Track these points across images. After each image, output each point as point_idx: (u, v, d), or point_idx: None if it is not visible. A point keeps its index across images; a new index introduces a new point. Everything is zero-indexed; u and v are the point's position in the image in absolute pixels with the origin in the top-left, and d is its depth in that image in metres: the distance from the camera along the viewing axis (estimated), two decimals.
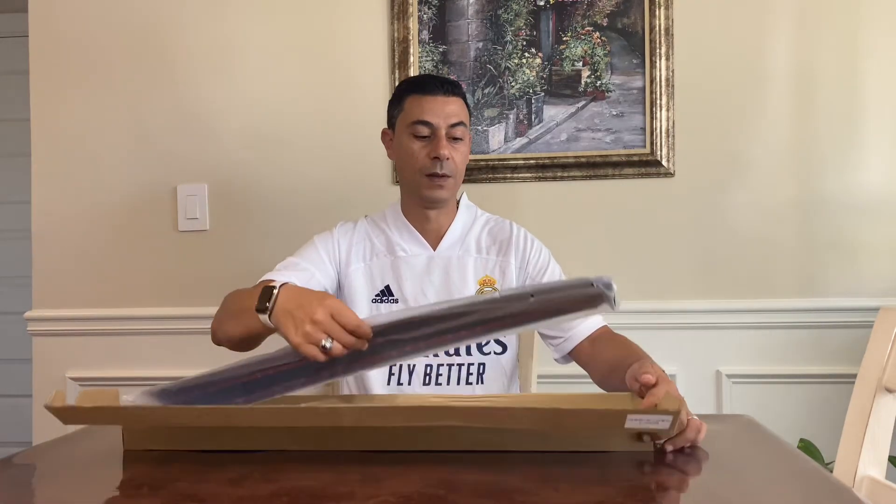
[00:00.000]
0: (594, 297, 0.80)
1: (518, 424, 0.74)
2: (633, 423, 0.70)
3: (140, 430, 0.82)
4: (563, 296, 0.83)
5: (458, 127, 1.19)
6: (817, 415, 1.57)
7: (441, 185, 1.18)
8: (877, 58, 1.59)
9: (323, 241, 1.25)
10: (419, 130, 1.18)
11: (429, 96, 1.18)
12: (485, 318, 0.82)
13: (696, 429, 0.78)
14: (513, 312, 0.82)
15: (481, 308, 0.83)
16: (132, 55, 1.74)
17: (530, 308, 0.82)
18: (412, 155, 1.19)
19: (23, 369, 2.15)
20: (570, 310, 0.83)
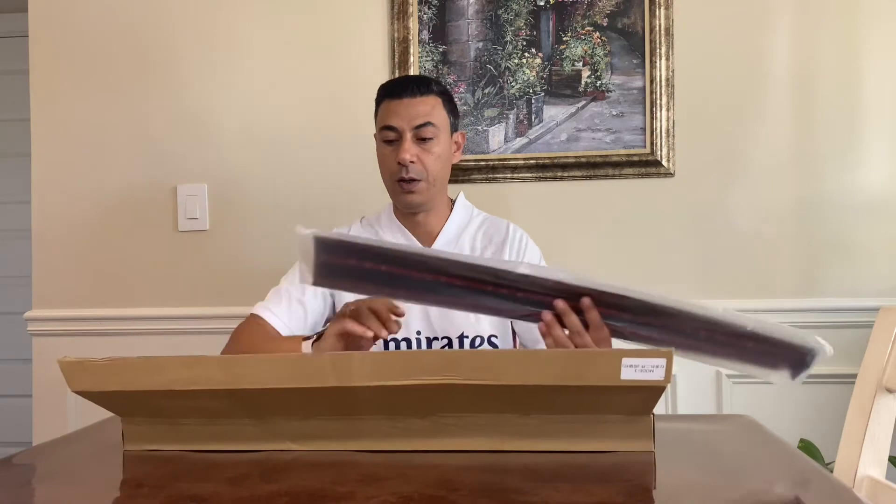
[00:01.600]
0: (803, 351, 0.79)
1: (510, 378, 0.72)
2: (628, 374, 0.70)
3: (139, 426, 0.82)
4: (778, 336, 0.79)
5: (425, 127, 1.16)
6: (817, 415, 1.57)
7: (411, 189, 1.16)
8: (877, 58, 1.59)
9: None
10: (386, 136, 1.17)
11: (395, 100, 1.17)
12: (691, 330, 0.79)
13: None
14: (728, 332, 0.79)
15: (689, 319, 0.79)
16: (132, 55, 1.74)
17: (742, 334, 0.78)
18: (382, 161, 1.20)
19: (23, 369, 2.15)
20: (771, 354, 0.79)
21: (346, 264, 0.82)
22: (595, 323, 0.83)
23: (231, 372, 0.75)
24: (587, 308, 0.82)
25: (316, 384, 0.74)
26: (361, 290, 0.84)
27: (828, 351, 0.80)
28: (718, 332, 0.80)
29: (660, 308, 0.80)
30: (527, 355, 0.74)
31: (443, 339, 1.17)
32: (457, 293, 0.82)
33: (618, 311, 0.83)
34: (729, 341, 0.80)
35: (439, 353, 0.76)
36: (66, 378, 0.77)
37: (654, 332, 0.82)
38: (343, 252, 0.82)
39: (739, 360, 0.81)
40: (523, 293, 0.82)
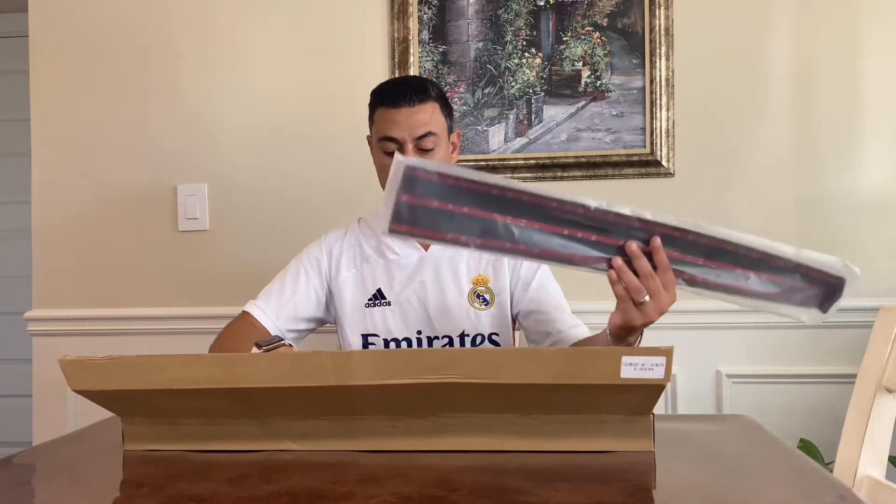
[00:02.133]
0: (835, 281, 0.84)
1: (511, 376, 0.72)
2: (628, 372, 0.70)
3: (139, 426, 0.82)
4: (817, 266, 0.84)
5: (426, 138, 1.14)
6: (817, 415, 1.57)
7: None
8: (877, 58, 1.59)
9: (308, 256, 1.24)
10: (387, 147, 1.16)
11: (393, 109, 1.15)
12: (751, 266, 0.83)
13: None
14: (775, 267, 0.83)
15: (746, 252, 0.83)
16: (132, 55, 1.74)
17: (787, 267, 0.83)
18: (382, 169, 1.19)
19: (23, 369, 2.15)
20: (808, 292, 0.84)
21: (427, 205, 0.79)
22: (663, 265, 0.83)
23: (231, 371, 0.75)
24: (656, 249, 0.83)
25: (316, 383, 0.74)
26: (439, 238, 0.81)
27: (857, 273, 0.84)
28: (767, 269, 0.84)
29: (722, 244, 0.84)
30: (527, 354, 0.74)
31: (443, 339, 1.18)
32: (533, 237, 0.82)
33: (681, 254, 0.84)
34: (772, 280, 0.84)
35: (440, 351, 0.76)
36: (67, 377, 0.77)
37: (710, 276, 0.84)
38: (429, 190, 0.79)
39: (779, 299, 0.85)
40: (597, 235, 0.83)
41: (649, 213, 0.82)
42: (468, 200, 0.80)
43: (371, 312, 1.19)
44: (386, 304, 1.19)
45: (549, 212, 0.82)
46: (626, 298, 0.86)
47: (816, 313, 0.85)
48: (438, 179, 0.79)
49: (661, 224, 0.83)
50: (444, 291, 1.19)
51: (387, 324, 1.18)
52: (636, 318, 0.87)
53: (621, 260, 0.84)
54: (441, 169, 0.79)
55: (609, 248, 0.84)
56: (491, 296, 1.20)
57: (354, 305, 1.20)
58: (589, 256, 0.84)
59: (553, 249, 0.82)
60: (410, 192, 0.79)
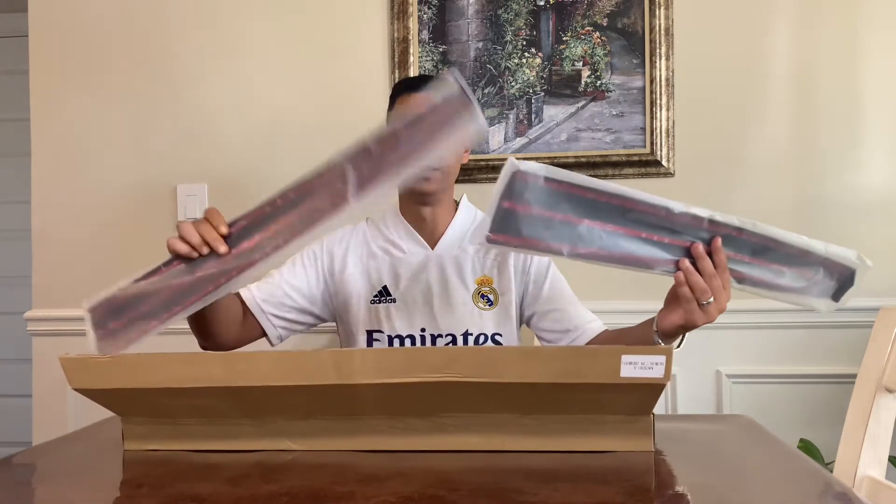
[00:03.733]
0: (848, 272, 0.89)
1: (511, 375, 0.72)
2: (628, 371, 0.70)
3: (139, 425, 0.82)
4: (836, 259, 0.88)
5: None
6: (817, 415, 1.57)
7: (427, 176, 1.17)
8: (877, 57, 1.59)
9: (309, 252, 1.25)
10: None
11: (412, 93, 1.19)
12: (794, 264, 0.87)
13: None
14: (805, 261, 0.87)
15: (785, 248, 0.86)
16: (132, 55, 1.74)
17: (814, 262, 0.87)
18: None
19: (23, 369, 2.15)
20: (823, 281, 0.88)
21: (527, 212, 0.80)
22: (722, 265, 0.86)
23: (231, 369, 0.75)
24: (717, 250, 0.85)
25: (317, 381, 0.74)
26: (535, 248, 0.81)
27: (869, 265, 0.90)
28: (798, 264, 0.88)
29: (769, 241, 0.87)
30: (527, 352, 0.74)
31: (447, 337, 1.18)
32: (616, 243, 0.84)
33: (733, 253, 0.87)
34: (799, 274, 0.89)
35: (440, 350, 0.76)
36: (67, 375, 0.77)
37: (753, 272, 0.88)
38: (532, 194, 0.80)
39: (800, 291, 0.89)
40: (670, 238, 0.85)
41: (719, 214, 0.86)
42: (564, 206, 0.81)
43: (376, 309, 1.20)
44: (391, 301, 1.20)
45: (635, 215, 0.85)
46: (691, 299, 0.88)
47: (830, 303, 0.91)
48: (544, 184, 0.80)
49: (725, 224, 0.86)
50: (449, 290, 1.19)
51: (391, 320, 1.19)
52: (700, 318, 0.89)
53: (688, 261, 0.86)
54: (549, 173, 0.80)
55: (677, 249, 0.86)
56: (495, 296, 1.20)
57: (360, 301, 1.21)
58: (661, 259, 0.86)
59: (633, 253, 0.85)
60: (512, 199, 0.80)
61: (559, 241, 0.81)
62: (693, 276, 0.86)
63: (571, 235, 0.82)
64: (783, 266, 0.87)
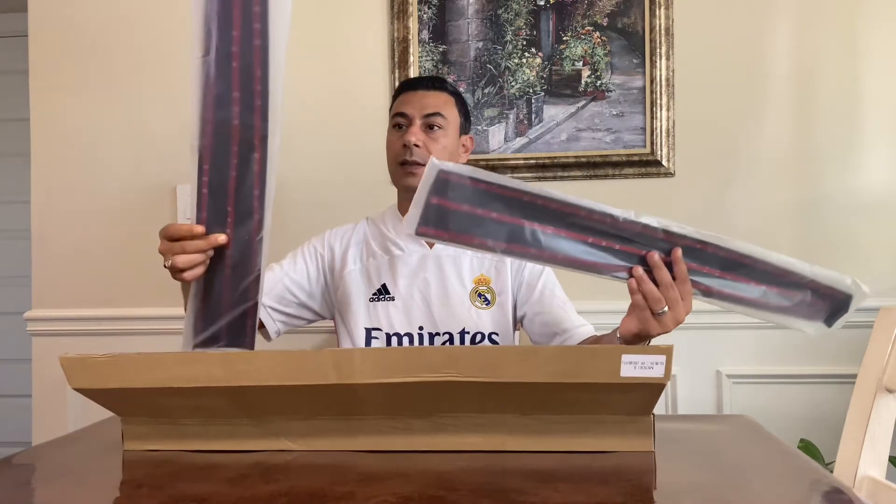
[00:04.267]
0: (843, 297, 0.86)
1: (511, 375, 0.72)
2: (628, 370, 0.70)
3: (139, 426, 0.82)
4: (827, 283, 0.85)
5: (434, 117, 1.19)
6: (817, 415, 1.57)
7: (412, 171, 1.18)
8: (877, 58, 1.59)
9: (310, 246, 1.27)
10: (397, 121, 1.21)
11: (409, 92, 1.22)
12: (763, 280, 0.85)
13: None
14: (788, 282, 0.85)
15: (763, 266, 0.85)
16: (132, 55, 1.74)
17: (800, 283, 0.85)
18: (389, 145, 1.22)
19: (23, 369, 2.15)
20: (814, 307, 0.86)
21: (457, 209, 0.81)
22: (682, 276, 0.85)
23: (231, 369, 0.75)
24: (677, 261, 0.84)
25: (317, 381, 0.74)
26: (466, 242, 0.83)
27: (865, 292, 0.86)
28: (780, 284, 0.86)
29: (741, 258, 0.85)
30: (527, 352, 0.74)
31: (444, 335, 1.18)
32: (558, 245, 0.83)
33: (699, 266, 0.86)
34: (784, 294, 0.87)
35: (440, 349, 0.75)
36: (67, 375, 0.77)
37: (725, 287, 0.87)
38: (460, 193, 0.81)
39: (787, 312, 0.88)
40: (621, 245, 0.84)
41: (675, 225, 0.84)
42: (498, 206, 0.82)
43: (375, 307, 1.20)
44: (390, 300, 1.20)
45: (576, 220, 0.83)
46: (644, 308, 0.87)
47: (821, 326, 0.88)
48: (471, 184, 0.80)
49: (684, 236, 0.84)
50: (447, 289, 1.19)
51: (390, 318, 1.19)
52: (653, 328, 0.88)
53: (642, 269, 0.85)
54: (474, 174, 0.81)
55: (631, 256, 0.85)
56: (492, 296, 1.21)
57: (359, 299, 1.21)
58: (611, 265, 0.85)
59: (578, 257, 0.84)
60: (441, 195, 0.80)
61: (492, 238, 0.82)
62: (646, 285, 0.85)
63: (506, 234, 0.82)
64: (762, 284, 0.86)
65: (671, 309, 0.87)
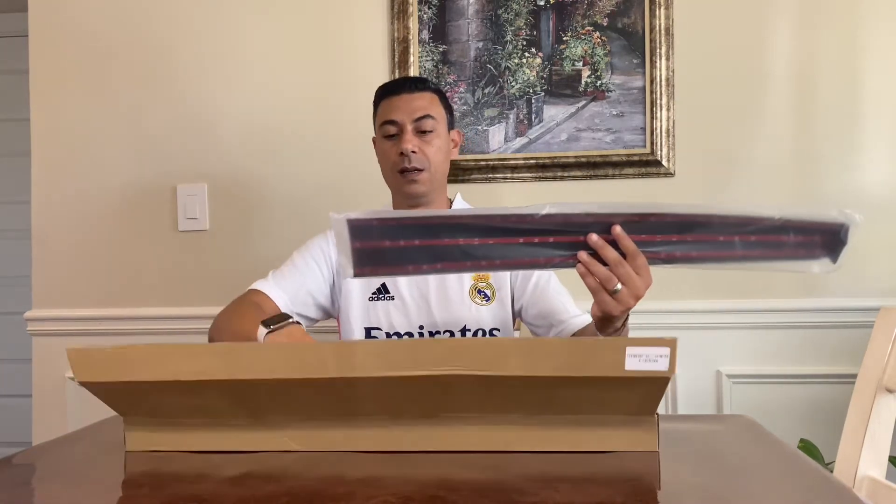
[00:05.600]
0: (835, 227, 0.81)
1: (514, 368, 0.72)
2: (633, 364, 0.69)
3: (140, 426, 0.82)
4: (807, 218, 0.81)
5: (424, 120, 1.18)
6: (817, 415, 1.57)
7: (414, 178, 1.18)
8: (877, 58, 1.59)
9: (316, 246, 1.26)
10: (387, 130, 1.20)
11: (394, 96, 1.21)
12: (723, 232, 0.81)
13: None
14: (761, 228, 0.80)
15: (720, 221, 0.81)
16: (132, 55, 1.74)
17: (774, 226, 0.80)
18: (384, 155, 1.21)
19: (23, 369, 2.15)
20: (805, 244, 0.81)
21: (381, 247, 0.82)
22: (630, 251, 0.83)
23: (234, 362, 0.75)
24: (619, 237, 0.82)
25: (317, 374, 0.73)
26: (402, 272, 0.84)
27: (858, 220, 0.81)
28: (751, 232, 0.82)
29: (691, 218, 0.82)
30: (530, 344, 0.74)
31: (445, 333, 1.18)
32: (491, 251, 0.83)
33: (649, 236, 0.83)
34: (763, 240, 0.82)
35: (443, 342, 0.75)
36: (73, 369, 0.77)
37: (690, 250, 0.83)
38: (377, 234, 0.82)
39: (777, 257, 0.83)
40: (555, 237, 0.83)
41: (596, 206, 0.82)
42: (415, 233, 0.82)
43: (374, 306, 1.20)
44: (389, 299, 1.20)
45: (497, 227, 0.83)
46: (599, 289, 0.86)
47: (825, 263, 0.83)
48: (378, 224, 0.82)
49: (615, 214, 0.82)
50: (446, 287, 1.20)
51: (389, 317, 1.19)
52: (612, 307, 0.87)
53: (587, 253, 0.84)
54: (377, 215, 0.82)
55: (572, 244, 0.84)
56: (492, 291, 1.21)
57: (359, 299, 1.22)
58: (553, 257, 0.84)
59: (515, 258, 0.83)
60: (361, 239, 0.81)
61: (425, 262, 0.82)
62: (593, 266, 0.84)
63: (435, 255, 0.82)
64: (731, 236, 0.82)
65: (626, 285, 0.85)
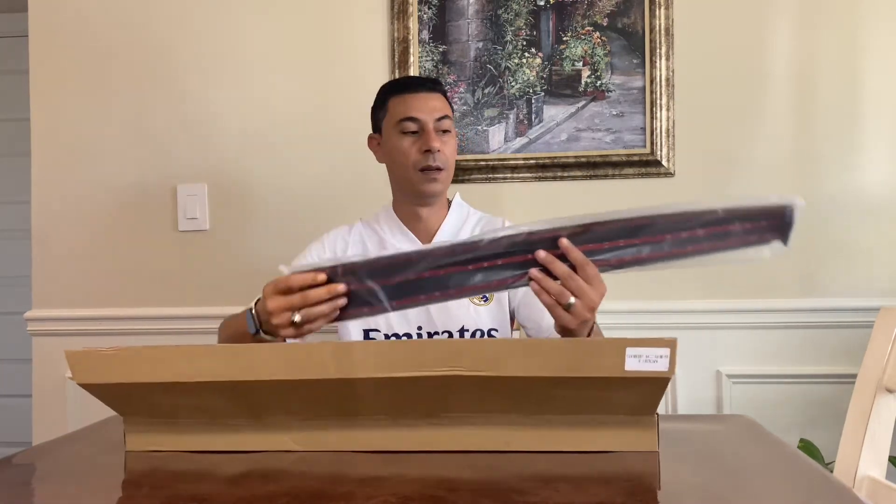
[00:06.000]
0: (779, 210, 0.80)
1: (514, 369, 0.72)
2: (633, 364, 0.70)
3: (140, 426, 0.82)
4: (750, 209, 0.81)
5: (444, 120, 1.20)
6: (817, 415, 1.57)
7: (435, 178, 1.18)
8: (877, 57, 1.59)
9: (312, 254, 1.26)
10: (407, 127, 1.19)
11: (411, 94, 1.20)
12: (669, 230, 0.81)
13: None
14: (707, 221, 0.80)
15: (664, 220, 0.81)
16: (132, 55, 1.74)
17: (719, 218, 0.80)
18: (403, 152, 1.19)
19: (23, 369, 2.15)
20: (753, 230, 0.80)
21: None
22: (579, 261, 0.84)
23: (233, 363, 0.75)
24: (567, 249, 0.83)
25: (317, 375, 0.73)
26: (358, 316, 0.88)
27: (799, 203, 0.81)
28: (696, 226, 0.82)
29: (635, 222, 0.82)
30: (530, 345, 0.74)
31: (443, 334, 1.18)
32: (443, 283, 0.84)
33: (596, 245, 0.84)
34: (711, 233, 0.82)
35: (442, 342, 0.75)
36: (72, 370, 0.77)
37: (639, 252, 0.83)
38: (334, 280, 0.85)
39: (728, 247, 0.82)
40: (503, 259, 0.83)
41: (540, 223, 0.83)
42: (369, 276, 0.85)
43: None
44: None
45: (444, 259, 0.84)
46: (554, 305, 0.86)
47: (777, 247, 0.82)
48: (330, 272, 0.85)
49: (559, 228, 0.83)
50: None
51: (388, 319, 1.19)
52: (569, 321, 0.87)
53: (537, 270, 0.84)
54: (318, 265, 0.85)
55: (523, 263, 0.84)
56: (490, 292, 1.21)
57: None
58: (506, 278, 0.85)
59: (470, 285, 0.84)
60: None
61: (379, 303, 0.85)
62: (545, 282, 0.84)
63: (387, 295, 0.84)
64: (678, 233, 0.82)
65: (580, 298, 0.85)
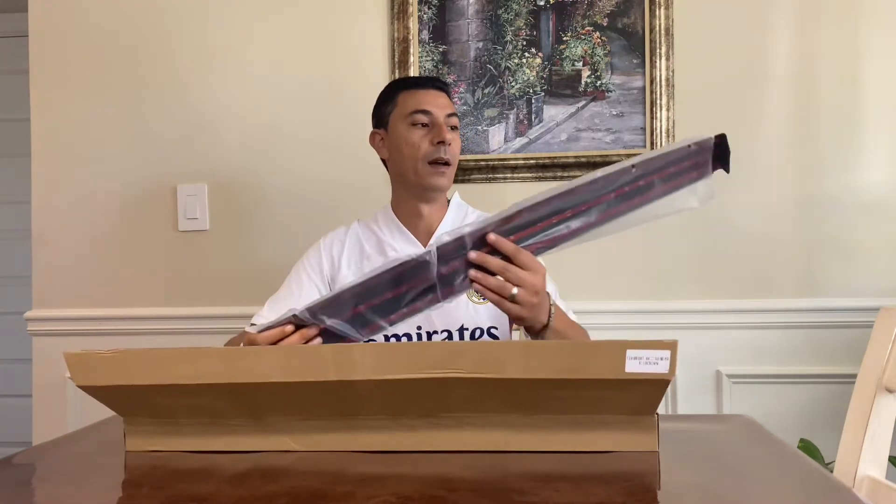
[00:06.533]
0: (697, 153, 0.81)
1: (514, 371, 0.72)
2: (633, 366, 0.70)
3: (141, 426, 0.82)
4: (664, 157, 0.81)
5: (453, 117, 1.22)
6: (817, 415, 1.57)
7: (443, 171, 1.20)
8: (877, 57, 1.59)
9: (309, 261, 1.26)
10: (419, 119, 1.20)
11: (421, 90, 1.22)
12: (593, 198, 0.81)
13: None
14: (623, 182, 0.80)
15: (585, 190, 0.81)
16: (132, 55, 1.74)
17: (633, 179, 0.80)
18: (413, 144, 1.20)
19: (23, 369, 2.15)
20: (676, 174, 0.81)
21: (332, 325, 0.87)
22: (510, 250, 0.85)
23: (233, 365, 0.75)
24: (495, 243, 0.84)
25: (316, 378, 0.73)
26: (357, 338, 0.89)
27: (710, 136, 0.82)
28: (621, 185, 0.82)
29: (555, 198, 0.83)
30: (530, 347, 0.74)
31: (443, 333, 1.18)
32: (391, 307, 0.85)
33: (526, 231, 0.85)
34: (637, 189, 0.83)
35: (442, 345, 0.75)
36: (71, 372, 0.77)
37: (572, 223, 0.84)
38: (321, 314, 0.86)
39: (653, 197, 0.83)
40: (445, 267, 0.84)
41: (466, 227, 0.85)
42: (332, 313, 0.85)
43: None
44: None
45: (382, 287, 0.85)
46: (500, 300, 0.88)
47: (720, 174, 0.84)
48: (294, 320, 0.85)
49: (483, 227, 0.85)
50: None
51: None
52: (518, 311, 0.89)
53: (475, 270, 0.86)
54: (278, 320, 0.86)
55: (461, 269, 0.85)
56: None
57: None
58: (451, 288, 0.86)
59: (419, 304, 0.85)
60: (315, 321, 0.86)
61: (348, 335, 0.86)
62: (484, 280, 0.86)
63: (355, 326, 0.86)
64: (601, 198, 0.82)
65: (521, 286, 0.86)
